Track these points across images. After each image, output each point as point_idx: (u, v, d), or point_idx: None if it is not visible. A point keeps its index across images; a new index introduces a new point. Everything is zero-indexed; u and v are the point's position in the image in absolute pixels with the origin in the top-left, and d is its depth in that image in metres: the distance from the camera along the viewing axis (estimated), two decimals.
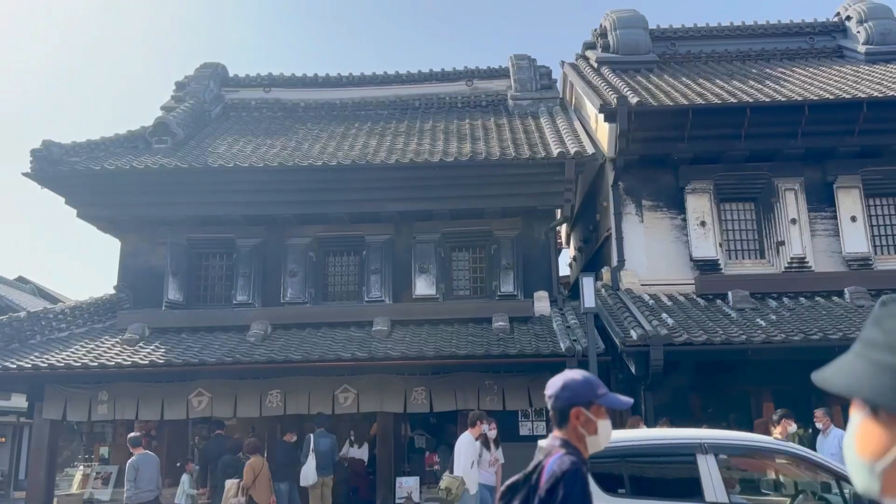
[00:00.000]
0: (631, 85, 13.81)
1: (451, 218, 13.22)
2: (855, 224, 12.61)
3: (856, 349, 0.91)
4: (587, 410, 2.37)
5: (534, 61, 16.75)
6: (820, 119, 12.30)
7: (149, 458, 9.80)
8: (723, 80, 14.38)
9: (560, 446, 2.35)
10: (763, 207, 12.97)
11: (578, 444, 2.37)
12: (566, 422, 2.39)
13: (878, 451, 0.83)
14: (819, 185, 12.86)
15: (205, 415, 11.71)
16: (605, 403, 2.40)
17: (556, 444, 2.37)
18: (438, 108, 16.67)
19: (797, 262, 12.45)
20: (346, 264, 13.78)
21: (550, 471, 2.26)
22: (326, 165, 12.74)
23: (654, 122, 12.57)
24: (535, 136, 14.04)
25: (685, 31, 17.12)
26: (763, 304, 11.84)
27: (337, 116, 16.47)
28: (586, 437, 2.38)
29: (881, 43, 15.69)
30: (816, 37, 16.89)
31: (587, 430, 2.37)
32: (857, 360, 0.89)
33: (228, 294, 13.43)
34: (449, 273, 13.50)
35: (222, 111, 16.82)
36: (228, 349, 11.57)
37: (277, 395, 11.55)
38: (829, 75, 14.44)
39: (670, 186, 13.00)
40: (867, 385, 0.84)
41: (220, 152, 13.75)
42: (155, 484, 9.74)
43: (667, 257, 12.76)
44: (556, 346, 10.85)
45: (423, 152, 13.29)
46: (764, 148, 12.59)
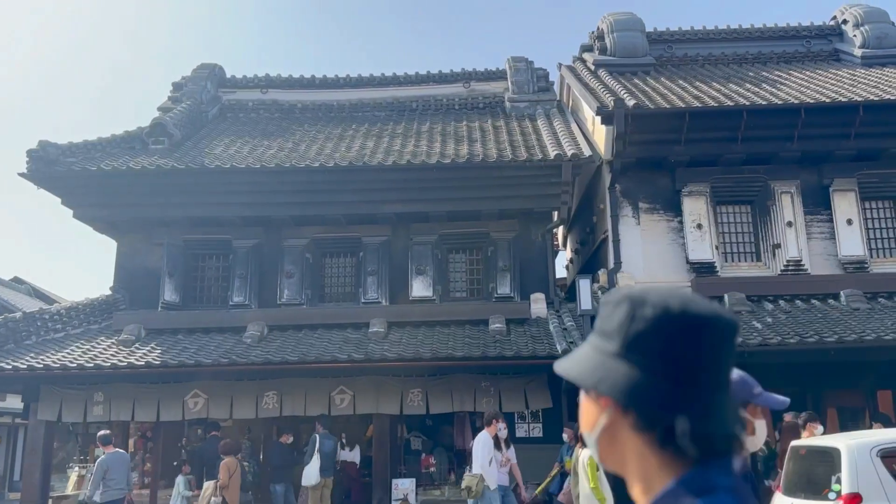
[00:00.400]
0: (628, 87, 13.84)
1: (448, 220, 13.23)
2: (851, 227, 12.65)
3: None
4: (744, 410, 2.32)
5: (531, 63, 16.78)
6: (816, 122, 12.34)
7: (119, 457, 9.78)
8: (719, 83, 14.42)
9: None
10: (759, 210, 13.00)
11: None
12: None
13: (590, 424, 0.96)
14: (815, 188, 12.90)
15: (201, 416, 11.69)
16: (761, 403, 2.36)
17: None
18: (436, 109, 16.69)
19: (793, 265, 12.48)
20: (342, 266, 13.78)
21: None
22: (323, 167, 12.74)
23: (651, 125, 12.59)
24: (532, 138, 14.06)
25: (682, 33, 17.16)
26: (759, 307, 11.86)
27: (334, 118, 16.48)
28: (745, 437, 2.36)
29: (877, 46, 15.75)
30: (813, 40, 16.95)
31: (745, 430, 2.36)
32: (583, 345, 0.98)
33: (225, 295, 13.42)
34: (446, 275, 13.50)
35: (219, 112, 16.81)
36: (224, 350, 11.56)
37: (274, 397, 11.53)
38: (826, 78, 14.49)
39: (667, 189, 13.03)
40: (577, 368, 0.95)
41: (216, 153, 13.75)
42: (125, 483, 9.69)
43: (663, 260, 12.78)
44: (552, 348, 10.86)
45: (420, 154, 13.30)
46: (760, 151, 12.62)
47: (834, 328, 10.55)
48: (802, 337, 10.22)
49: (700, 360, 0.89)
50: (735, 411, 0.93)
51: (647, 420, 0.89)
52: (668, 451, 0.89)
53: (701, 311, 0.90)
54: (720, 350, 0.91)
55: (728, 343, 0.92)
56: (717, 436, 0.89)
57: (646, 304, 0.91)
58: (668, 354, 0.89)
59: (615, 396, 0.90)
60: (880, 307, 11.64)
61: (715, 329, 0.90)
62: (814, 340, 10.12)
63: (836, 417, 11.04)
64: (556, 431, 11.51)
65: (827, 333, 10.31)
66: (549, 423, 11.85)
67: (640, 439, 0.91)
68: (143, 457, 13.49)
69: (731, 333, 0.93)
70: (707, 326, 0.90)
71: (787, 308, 11.81)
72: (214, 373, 11.26)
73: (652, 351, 0.89)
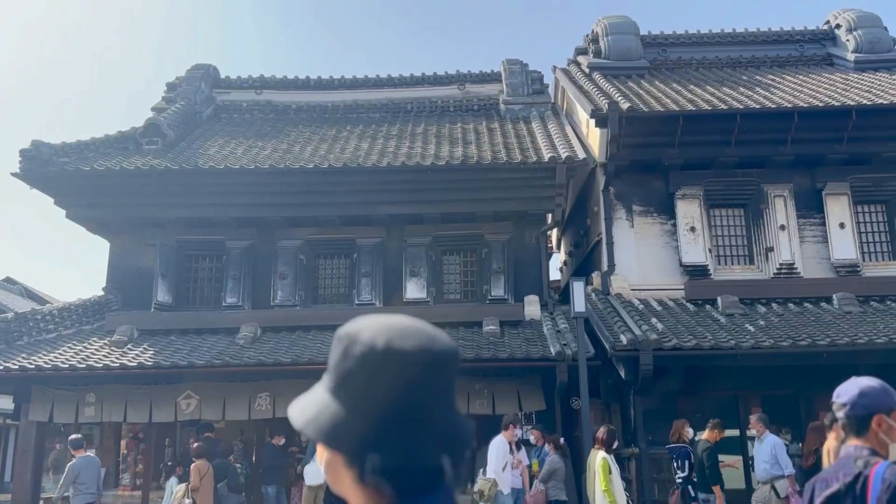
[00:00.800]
0: (622, 90, 13.87)
1: (443, 221, 13.22)
2: (843, 231, 12.70)
3: None
4: (888, 417, 2.32)
5: (526, 66, 16.80)
6: (809, 126, 12.39)
7: (90, 461, 9.70)
8: (713, 87, 14.47)
9: (870, 454, 2.31)
10: (752, 213, 13.04)
11: (881, 451, 2.34)
12: (866, 430, 2.33)
13: (320, 458, 0.97)
14: (808, 191, 12.95)
15: (193, 417, 11.65)
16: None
17: (864, 454, 2.32)
18: (431, 111, 16.69)
19: (786, 268, 12.52)
20: (336, 267, 13.75)
21: (885, 480, 2.22)
22: (318, 168, 12.73)
23: (645, 128, 12.62)
24: (526, 140, 14.07)
25: (676, 37, 17.21)
26: (752, 310, 11.89)
27: (328, 119, 16.46)
28: (889, 444, 2.35)
29: (870, 51, 15.83)
30: (806, 44, 17.02)
31: (890, 437, 2.35)
32: (318, 383, 0.97)
33: (218, 296, 13.38)
34: (440, 276, 13.50)
35: (213, 113, 16.78)
36: (217, 351, 11.52)
37: (266, 399, 11.49)
38: (819, 83, 14.55)
39: (660, 192, 13.05)
40: (299, 408, 0.97)
41: (210, 154, 13.71)
42: (95, 487, 9.63)
43: (657, 262, 12.81)
44: (546, 351, 10.86)
45: (415, 156, 13.30)
46: (754, 154, 12.66)
47: (826, 331, 10.58)
48: (795, 340, 10.25)
49: (397, 395, 0.90)
50: (447, 442, 0.92)
51: (350, 458, 0.91)
52: (370, 487, 0.90)
53: (406, 345, 0.91)
54: (424, 383, 0.91)
55: (436, 375, 0.92)
56: (416, 470, 0.90)
57: (357, 341, 0.92)
58: (367, 391, 0.90)
59: (319, 438, 0.92)
60: (872, 311, 11.69)
61: (417, 363, 0.90)
62: (806, 343, 10.15)
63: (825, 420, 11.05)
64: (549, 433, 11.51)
65: (819, 336, 10.34)
66: (542, 425, 11.83)
67: (351, 475, 0.92)
68: (135, 458, 13.43)
69: (441, 365, 0.93)
70: (408, 362, 0.90)
71: (779, 311, 11.84)
72: (207, 374, 11.22)
73: (354, 388, 0.91)
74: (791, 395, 11.44)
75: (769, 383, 11.06)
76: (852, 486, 2.28)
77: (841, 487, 2.31)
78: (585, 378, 10.14)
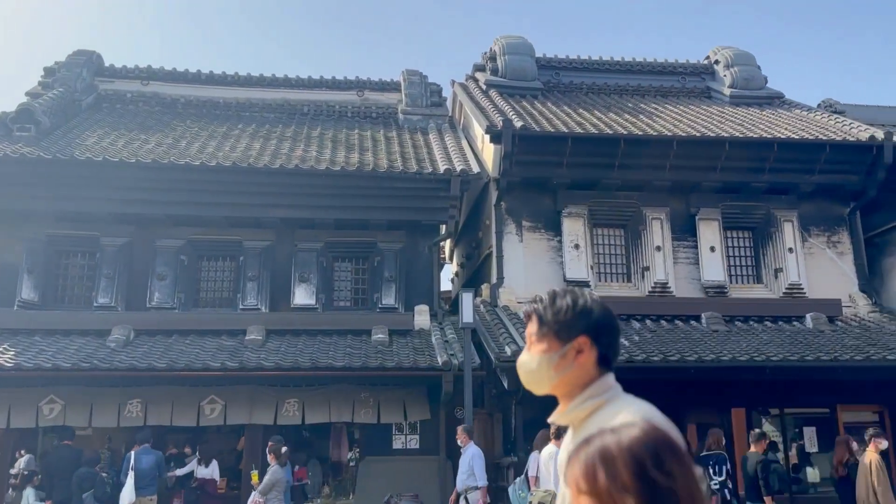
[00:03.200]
0: (516, 109, 14.25)
1: (336, 227, 13.07)
2: (713, 254, 13.56)
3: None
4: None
5: (425, 78, 16.93)
6: (686, 154, 13.19)
7: None
8: (601, 112, 15.13)
9: None
10: (632, 234, 13.70)
11: None
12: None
13: None
14: (683, 215, 13.74)
15: (56, 423, 10.90)
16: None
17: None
18: (328, 115, 16.48)
19: (660, 287, 13.22)
20: (220, 269, 13.28)
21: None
22: (205, 165, 12.27)
23: (537, 147, 13.02)
24: (423, 151, 14.17)
25: (569, 61, 17.88)
26: (628, 326, 12.47)
27: (219, 116, 15.91)
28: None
29: (744, 87, 17.06)
30: (688, 77, 18.13)
31: None
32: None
33: (89, 296, 12.60)
34: (330, 283, 13.31)
35: (95, 101, 15.84)
36: (86, 354, 10.85)
37: (138, 405, 10.93)
38: (697, 114, 15.52)
39: (549, 209, 13.48)
40: None
41: (88, 144, 12.94)
42: None
43: (543, 277, 13.19)
44: (433, 360, 10.93)
45: (309, 159, 13.08)
46: (635, 178, 13.32)
47: (695, 348, 11.23)
48: (666, 356, 10.82)
49: None
50: None
51: None
52: None
53: None
54: None
55: None
56: None
57: None
58: None
59: None
60: (737, 330, 12.54)
61: None
62: (676, 359, 10.73)
63: (695, 434, 11.72)
64: (433, 443, 11.58)
65: (688, 353, 10.96)
66: (426, 435, 11.90)
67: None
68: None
69: None
70: None
71: (653, 327, 12.48)
72: (73, 378, 10.56)
73: None
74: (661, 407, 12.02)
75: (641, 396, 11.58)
76: None
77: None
78: (470, 388, 10.28)
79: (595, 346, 1.66)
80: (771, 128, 14.28)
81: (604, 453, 1.09)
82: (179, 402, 11.06)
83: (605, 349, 1.68)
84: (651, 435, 1.11)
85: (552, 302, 1.71)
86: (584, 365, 1.66)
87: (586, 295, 1.72)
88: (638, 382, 10.29)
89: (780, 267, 13.58)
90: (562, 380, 1.68)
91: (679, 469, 1.09)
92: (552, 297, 1.73)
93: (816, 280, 13.62)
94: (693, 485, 1.10)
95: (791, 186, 13.69)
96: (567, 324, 1.67)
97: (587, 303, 1.69)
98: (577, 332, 1.66)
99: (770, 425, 12.43)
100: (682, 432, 7.83)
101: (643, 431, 1.12)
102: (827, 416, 12.38)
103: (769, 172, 13.40)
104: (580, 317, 1.67)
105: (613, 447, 1.09)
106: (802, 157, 13.44)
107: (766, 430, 10.04)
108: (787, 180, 13.57)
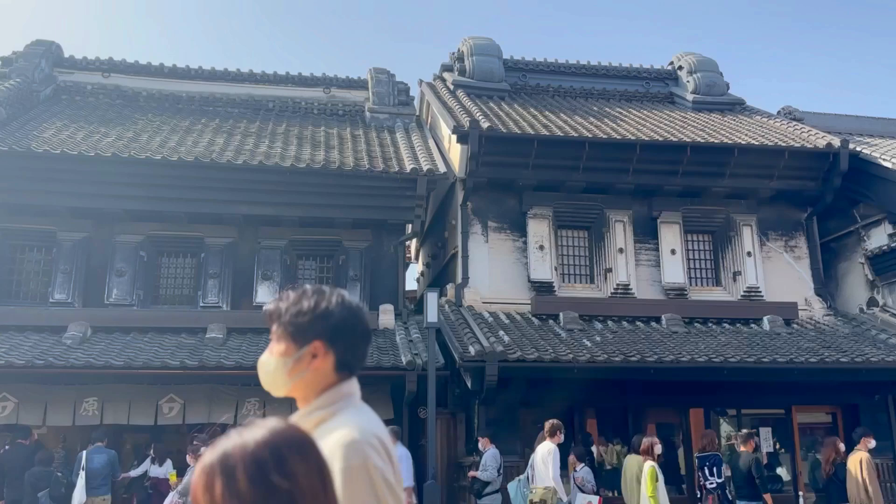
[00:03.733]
0: (483, 110, 14.31)
1: (300, 225, 12.95)
2: (674, 257, 13.78)
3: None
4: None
5: (393, 76, 16.89)
6: (649, 158, 13.38)
7: None
8: (566, 115, 15.26)
9: None
10: (595, 236, 13.84)
11: None
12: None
13: None
14: (645, 218, 13.94)
15: (9, 422, 10.61)
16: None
17: None
18: (293, 111, 16.32)
19: (622, 289, 13.39)
20: (181, 266, 13.07)
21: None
22: (166, 160, 12.07)
23: (503, 148, 13.08)
24: (389, 150, 14.13)
25: (536, 64, 18.00)
26: (590, 326, 12.60)
27: (182, 110, 15.65)
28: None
29: (707, 93, 17.37)
30: (652, 82, 18.38)
31: None
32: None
33: (45, 291, 12.30)
34: (294, 281, 13.17)
35: (53, 93, 15.46)
36: (40, 351, 10.59)
37: (94, 403, 10.70)
38: (660, 119, 15.75)
39: (514, 210, 13.56)
40: None
41: (46, 137, 12.62)
42: None
43: (508, 277, 13.27)
44: (397, 360, 10.91)
45: (274, 156, 12.94)
46: (599, 181, 13.46)
47: (654, 349, 11.39)
48: (626, 356, 10.96)
49: None
50: None
51: None
52: None
53: None
54: None
55: None
56: None
57: None
58: None
59: None
60: (696, 331, 12.76)
61: None
62: (636, 360, 10.88)
63: (654, 433, 11.88)
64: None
65: (648, 353, 11.12)
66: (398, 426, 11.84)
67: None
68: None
69: None
70: None
71: (614, 328, 12.63)
72: (27, 375, 10.27)
73: None
74: (621, 407, 12.22)
75: (603, 396, 11.76)
76: None
77: None
78: (434, 388, 10.29)
79: (332, 352, 1.59)
80: (732, 133, 14.56)
81: (224, 460, 1.05)
82: (137, 400, 10.86)
83: (344, 355, 1.61)
84: (278, 435, 1.09)
85: (295, 301, 1.63)
86: (319, 370, 1.60)
87: (334, 296, 1.64)
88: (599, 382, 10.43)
89: (738, 270, 13.85)
90: (296, 385, 1.61)
91: (304, 469, 1.07)
92: (298, 296, 1.64)
93: (774, 283, 13.92)
94: (320, 484, 1.09)
95: (750, 191, 13.98)
96: (303, 326, 1.60)
97: (329, 306, 1.61)
98: (313, 336, 1.59)
99: (728, 425, 12.67)
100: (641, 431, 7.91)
101: (269, 432, 1.09)
102: (783, 417, 12.67)
103: (729, 177, 13.67)
104: (317, 320, 1.60)
105: (236, 452, 1.06)
106: (762, 162, 13.73)
107: (742, 431, 10.27)
108: (747, 185, 13.86)
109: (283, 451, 1.07)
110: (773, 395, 12.22)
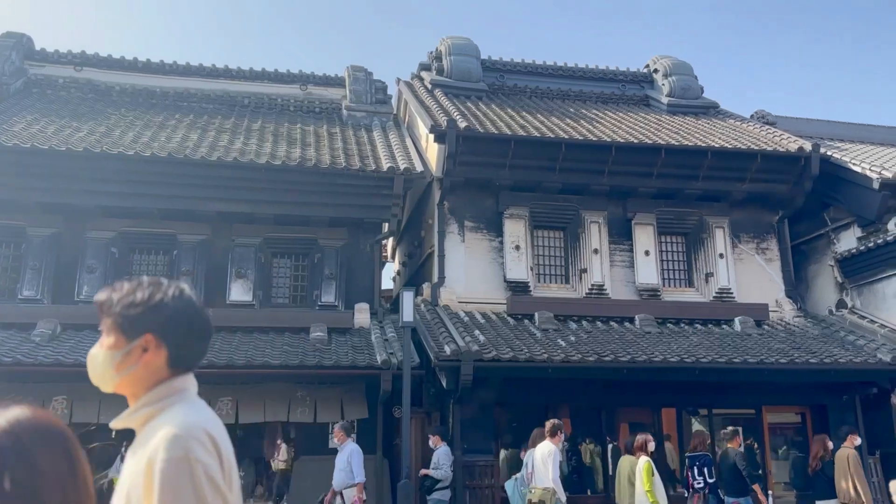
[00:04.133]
0: (461, 110, 14.32)
1: (275, 223, 12.86)
2: (648, 258, 13.91)
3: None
4: None
5: (370, 74, 16.82)
6: (624, 160, 13.49)
7: None
8: (543, 116, 15.33)
9: None
10: (570, 236, 13.93)
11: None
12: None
13: None
14: (620, 220, 14.05)
15: None
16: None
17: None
18: (269, 108, 16.19)
19: (597, 289, 13.48)
20: (153, 263, 12.90)
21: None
22: (139, 155, 11.91)
23: (480, 148, 13.10)
24: (366, 148, 14.07)
25: (514, 65, 18.06)
26: (565, 326, 12.67)
27: (156, 105, 15.46)
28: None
29: (682, 97, 17.55)
30: (628, 85, 18.53)
31: None
32: None
33: (13, 288, 12.07)
34: (268, 280, 13.09)
35: (24, 86, 15.17)
36: (9, 348, 10.38)
37: (63, 402, 10.52)
38: (636, 121, 15.89)
39: (491, 210, 13.59)
40: None
41: (15, 131, 12.38)
42: None
43: (484, 277, 13.29)
44: (372, 359, 10.87)
45: (249, 152, 12.83)
46: (574, 182, 13.55)
47: (628, 349, 11.49)
48: (600, 356, 11.04)
49: None
50: None
51: None
52: None
53: None
54: None
55: None
56: None
57: None
58: None
59: None
60: (669, 332, 12.89)
61: None
62: (610, 359, 10.96)
63: (626, 432, 11.99)
64: (370, 442, 11.51)
65: (622, 353, 11.21)
66: (363, 434, 11.81)
67: None
68: None
69: None
70: None
71: (589, 328, 12.72)
72: None
73: None
74: (595, 406, 12.32)
75: (577, 395, 11.84)
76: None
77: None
78: (409, 387, 10.27)
79: (164, 346, 1.53)
80: (706, 136, 14.73)
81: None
82: (107, 399, 10.62)
83: (178, 350, 1.55)
84: (19, 423, 1.08)
85: (128, 293, 1.56)
86: (150, 365, 1.54)
87: (171, 289, 1.57)
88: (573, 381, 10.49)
89: (710, 272, 14.02)
90: (125, 379, 1.56)
91: (48, 457, 1.06)
92: (132, 287, 1.57)
93: (745, 285, 14.12)
94: (67, 471, 1.08)
95: (723, 194, 14.16)
96: (134, 318, 1.53)
97: (164, 298, 1.55)
98: (144, 329, 1.53)
99: (699, 424, 12.82)
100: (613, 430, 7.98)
101: (9, 421, 1.08)
102: (753, 417, 12.85)
103: (703, 180, 13.83)
104: (149, 312, 1.53)
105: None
106: (735, 165, 13.91)
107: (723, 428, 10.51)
108: (720, 188, 14.04)
109: (25, 439, 1.05)
110: (744, 396, 12.40)
